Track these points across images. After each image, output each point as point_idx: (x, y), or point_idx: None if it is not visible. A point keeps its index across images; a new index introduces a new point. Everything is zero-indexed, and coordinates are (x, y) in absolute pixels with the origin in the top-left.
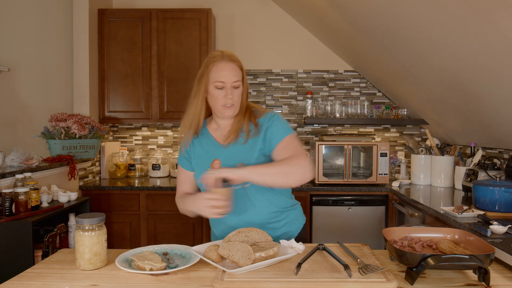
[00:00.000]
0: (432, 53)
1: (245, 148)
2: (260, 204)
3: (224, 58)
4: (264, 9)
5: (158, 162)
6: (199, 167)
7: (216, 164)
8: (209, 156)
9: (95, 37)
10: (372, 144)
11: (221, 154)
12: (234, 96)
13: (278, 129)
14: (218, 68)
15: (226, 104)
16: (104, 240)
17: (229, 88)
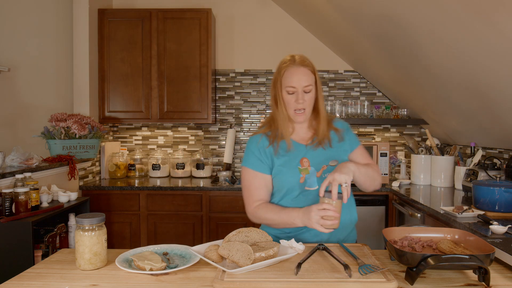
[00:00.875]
0: (432, 53)
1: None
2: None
3: (295, 62)
4: (264, 9)
5: (158, 162)
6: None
7: (305, 163)
8: (296, 155)
9: (95, 37)
10: (372, 144)
11: (308, 153)
12: (305, 101)
13: (354, 135)
14: (290, 73)
15: (297, 110)
16: (104, 240)
17: (300, 93)
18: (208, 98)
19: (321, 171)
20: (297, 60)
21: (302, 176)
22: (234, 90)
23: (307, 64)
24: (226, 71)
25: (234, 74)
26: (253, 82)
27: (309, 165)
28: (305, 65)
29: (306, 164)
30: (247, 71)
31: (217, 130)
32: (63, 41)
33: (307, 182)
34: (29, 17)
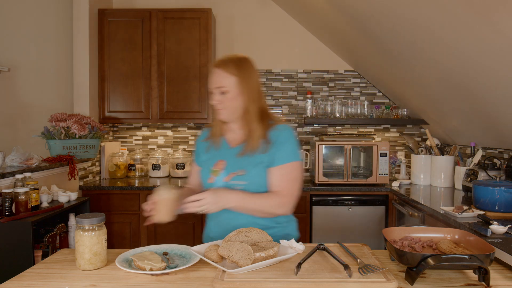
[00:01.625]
0: (432, 53)
1: (251, 160)
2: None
3: (214, 64)
4: (264, 9)
5: (158, 162)
6: (204, 167)
7: (220, 165)
8: (217, 155)
9: (95, 37)
10: (372, 144)
11: (228, 156)
12: (221, 102)
13: (287, 151)
14: (211, 75)
15: (215, 108)
16: (104, 240)
17: (216, 94)
18: (208, 98)
19: (229, 176)
20: (216, 62)
21: (211, 177)
22: None
23: (224, 66)
24: None
25: None
26: None
27: (222, 168)
28: (221, 67)
29: (220, 166)
30: None
31: None
32: (63, 41)
33: (215, 184)
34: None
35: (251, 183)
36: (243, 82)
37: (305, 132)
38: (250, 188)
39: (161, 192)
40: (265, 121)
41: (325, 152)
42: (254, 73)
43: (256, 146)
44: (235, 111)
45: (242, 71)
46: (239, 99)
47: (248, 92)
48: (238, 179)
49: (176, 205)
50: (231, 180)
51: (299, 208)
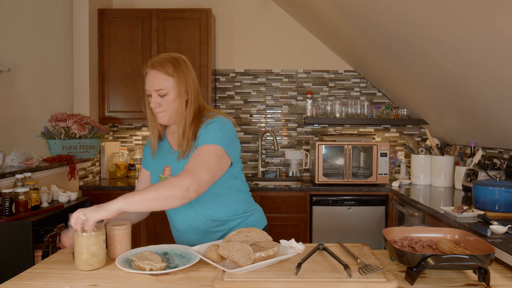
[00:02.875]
0: (432, 53)
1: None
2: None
3: (151, 65)
4: (264, 9)
5: None
6: (152, 176)
7: (167, 171)
8: (163, 161)
9: (95, 37)
10: (372, 144)
11: (171, 161)
12: (162, 104)
13: (206, 135)
14: (147, 76)
15: (155, 111)
16: (102, 241)
17: (155, 96)
18: (208, 98)
19: None
20: (151, 63)
21: None
22: (234, 90)
23: (161, 67)
24: (226, 71)
25: (234, 74)
26: (253, 82)
27: (169, 174)
28: (157, 68)
29: (167, 173)
30: (247, 71)
31: None
32: (63, 41)
33: None
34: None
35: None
36: (181, 83)
37: (305, 132)
38: None
39: (115, 227)
40: (198, 119)
41: (325, 152)
42: (191, 73)
43: (189, 147)
44: (174, 113)
45: (179, 72)
46: (177, 101)
47: (186, 93)
48: None
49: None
50: None
51: (299, 208)
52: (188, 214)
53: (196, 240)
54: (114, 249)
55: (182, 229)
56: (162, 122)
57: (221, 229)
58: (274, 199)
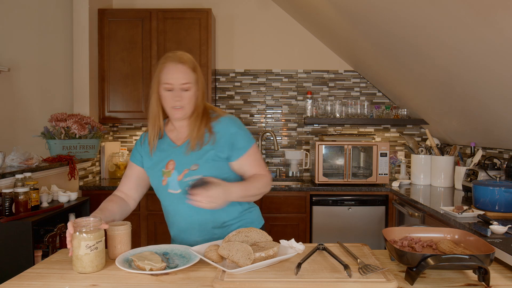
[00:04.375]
0: (432, 53)
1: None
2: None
3: (174, 59)
4: (264, 9)
5: None
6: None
7: (171, 165)
8: (164, 156)
9: (95, 37)
10: (372, 144)
11: (176, 155)
12: (183, 99)
13: (242, 139)
14: (167, 70)
15: (175, 106)
16: (101, 243)
17: (178, 90)
18: (208, 98)
19: (182, 174)
20: (176, 57)
21: (164, 178)
22: (234, 90)
23: (185, 61)
24: (226, 71)
25: (234, 74)
26: (253, 82)
27: (173, 168)
28: (183, 62)
29: (171, 166)
30: (247, 71)
31: None
32: (63, 41)
33: (169, 185)
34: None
35: (205, 176)
36: (199, 79)
37: (305, 132)
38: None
39: (115, 228)
40: (207, 113)
41: (325, 152)
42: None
43: (202, 139)
44: (189, 109)
45: (197, 68)
46: (194, 96)
47: (201, 89)
48: (193, 174)
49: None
50: (184, 178)
51: (299, 208)
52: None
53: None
54: (114, 249)
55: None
56: (178, 117)
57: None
58: (274, 199)
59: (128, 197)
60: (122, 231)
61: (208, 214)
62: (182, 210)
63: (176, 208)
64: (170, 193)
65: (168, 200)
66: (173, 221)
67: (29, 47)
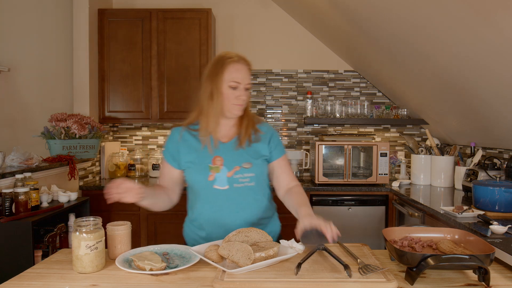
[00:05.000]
0: (432, 53)
1: (249, 151)
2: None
3: (240, 60)
4: (264, 9)
5: (158, 162)
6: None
7: (218, 161)
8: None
9: (95, 37)
10: (372, 144)
11: (223, 152)
12: (246, 98)
13: (280, 143)
14: (235, 68)
15: (237, 103)
16: (101, 243)
17: (242, 89)
18: None
19: (233, 171)
20: (242, 58)
21: (212, 174)
22: None
23: (249, 64)
24: None
25: None
26: (253, 82)
27: (221, 164)
28: (248, 64)
29: (218, 162)
30: None
31: None
32: (63, 41)
33: (217, 180)
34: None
35: (257, 175)
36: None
37: (305, 132)
38: (256, 180)
39: (115, 228)
40: (252, 115)
41: (325, 152)
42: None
43: (250, 138)
44: (245, 108)
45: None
46: (249, 97)
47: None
48: (245, 171)
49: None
50: (235, 174)
51: None
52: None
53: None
54: (114, 249)
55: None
56: (237, 113)
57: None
58: (274, 199)
59: (170, 191)
60: (122, 231)
61: (250, 212)
62: (226, 206)
63: (220, 204)
64: (215, 188)
65: (212, 196)
66: (213, 218)
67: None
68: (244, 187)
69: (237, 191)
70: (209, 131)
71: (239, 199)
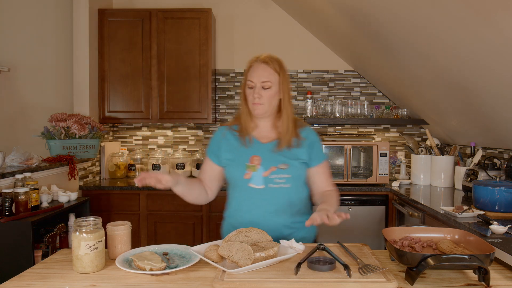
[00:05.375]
0: (432, 53)
1: (286, 153)
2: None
3: (259, 59)
4: (264, 9)
5: (158, 162)
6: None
7: (256, 160)
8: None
9: (95, 37)
10: (372, 144)
11: (261, 151)
12: (262, 97)
13: (321, 150)
14: (252, 69)
15: (254, 102)
16: (101, 243)
17: (258, 88)
18: (208, 98)
19: (269, 171)
20: (262, 58)
21: (248, 172)
22: (234, 90)
23: (270, 63)
24: (226, 71)
25: (234, 74)
26: None
27: (259, 164)
28: (267, 63)
29: (256, 162)
30: None
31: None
32: (63, 41)
33: (253, 179)
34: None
35: (293, 176)
36: (283, 82)
37: None
38: (292, 181)
39: (115, 228)
40: (296, 119)
41: (325, 152)
42: (288, 77)
43: (291, 142)
44: (270, 107)
45: (283, 71)
46: (276, 97)
47: (285, 92)
48: (281, 172)
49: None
50: (271, 174)
51: None
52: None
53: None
54: (114, 249)
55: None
56: (257, 114)
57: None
58: None
59: (207, 187)
60: (122, 231)
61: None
62: (260, 206)
63: (254, 202)
64: (250, 187)
65: (247, 194)
66: (246, 217)
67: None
68: (279, 188)
69: (272, 192)
70: (247, 131)
71: (274, 199)
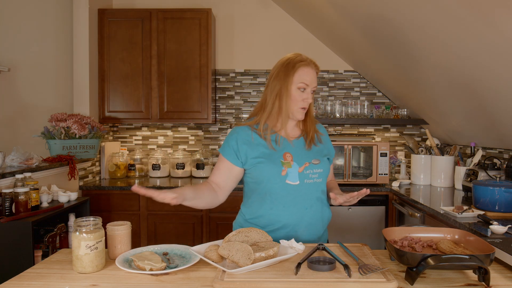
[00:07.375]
0: (432, 53)
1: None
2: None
3: (311, 63)
4: (264, 9)
5: (158, 162)
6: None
7: (288, 157)
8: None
9: (95, 37)
10: (372, 144)
11: (292, 148)
12: (310, 101)
13: (331, 144)
14: (305, 71)
15: (303, 106)
16: (101, 243)
17: (309, 92)
18: (208, 98)
19: (303, 167)
20: (313, 62)
21: (284, 169)
22: (234, 90)
23: (318, 69)
24: (226, 71)
25: (234, 74)
26: (253, 82)
27: (292, 160)
28: (317, 69)
29: (289, 158)
30: (247, 71)
31: (217, 130)
32: (63, 41)
33: (289, 175)
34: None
35: (324, 171)
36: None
37: None
38: (323, 176)
39: (115, 228)
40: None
41: None
42: None
43: (314, 139)
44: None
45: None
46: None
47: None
48: (314, 167)
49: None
50: (305, 170)
51: None
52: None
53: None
54: (114, 249)
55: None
56: (300, 118)
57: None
58: None
59: (218, 188)
60: (122, 231)
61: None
62: (298, 201)
63: (291, 199)
64: (287, 183)
65: (284, 191)
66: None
67: (29, 47)
68: (313, 183)
69: (308, 187)
70: (275, 129)
71: (308, 195)
